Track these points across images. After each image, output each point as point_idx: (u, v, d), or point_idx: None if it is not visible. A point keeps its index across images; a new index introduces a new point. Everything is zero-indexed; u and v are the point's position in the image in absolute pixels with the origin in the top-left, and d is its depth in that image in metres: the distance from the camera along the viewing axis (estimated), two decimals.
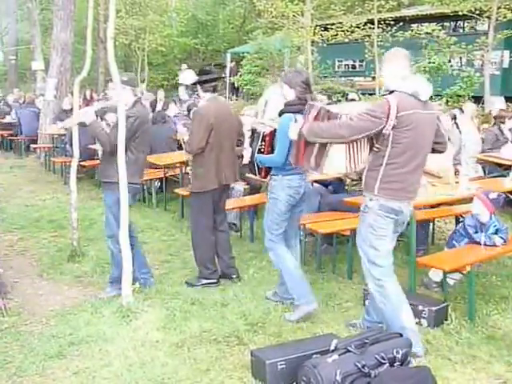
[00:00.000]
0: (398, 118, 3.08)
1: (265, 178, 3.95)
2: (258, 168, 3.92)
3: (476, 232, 4.26)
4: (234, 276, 4.66)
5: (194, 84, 4.55)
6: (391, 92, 3.21)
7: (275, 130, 3.83)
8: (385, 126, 3.10)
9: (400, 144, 3.13)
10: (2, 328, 3.80)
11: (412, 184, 3.25)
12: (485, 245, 4.17)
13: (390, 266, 3.32)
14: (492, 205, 4.31)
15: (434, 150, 3.43)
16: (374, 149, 3.22)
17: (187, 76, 4.30)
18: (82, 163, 7.37)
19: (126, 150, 4.08)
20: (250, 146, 4.04)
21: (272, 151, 3.80)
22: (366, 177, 3.27)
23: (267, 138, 3.85)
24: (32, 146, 10.87)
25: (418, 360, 3.23)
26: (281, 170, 3.79)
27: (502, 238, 4.21)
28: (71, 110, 7.47)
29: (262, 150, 3.85)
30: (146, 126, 4.27)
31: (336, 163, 3.34)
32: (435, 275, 4.38)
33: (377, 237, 3.24)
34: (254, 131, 4.05)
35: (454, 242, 4.41)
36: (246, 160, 4.09)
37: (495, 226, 4.25)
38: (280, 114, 3.80)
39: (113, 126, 4.18)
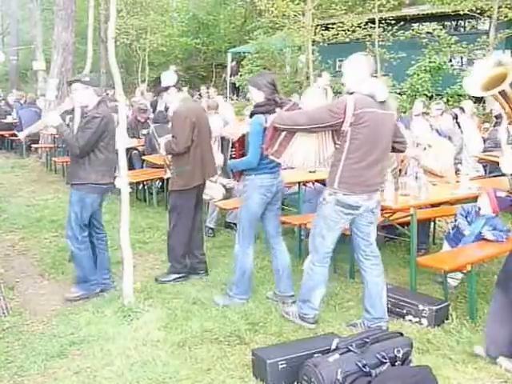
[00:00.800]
0: (355, 115, 3.33)
1: (239, 180, 4.15)
2: (233, 173, 4.04)
3: (465, 218, 4.22)
4: (202, 272, 4.75)
5: (167, 87, 4.51)
6: (351, 93, 3.45)
7: (243, 135, 3.98)
8: (342, 122, 3.35)
9: (356, 140, 3.38)
10: (3, 328, 3.81)
11: (369, 178, 3.46)
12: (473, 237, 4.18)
13: (329, 255, 3.67)
14: (497, 203, 4.31)
15: (394, 149, 3.71)
16: (336, 145, 3.49)
17: (169, 77, 4.27)
18: None
19: (94, 151, 4.10)
20: (220, 151, 4.10)
21: (243, 155, 3.96)
22: (329, 172, 3.52)
23: (237, 145, 4.05)
24: (33, 145, 10.89)
25: (307, 326, 3.67)
26: (253, 170, 3.92)
27: (494, 235, 4.19)
28: (73, 110, 7.47)
29: (234, 155, 4.05)
30: (112, 126, 4.26)
31: (301, 158, 3.60)
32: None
33: (327, 228, 3.54)
34: (223, 139, 4.13)
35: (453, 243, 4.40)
36: (220, 163, 4.21)
37: (491, 224, 4.23)
38: (250, 116, 3.96)
39: (79, 128, 4.15)
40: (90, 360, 3.38)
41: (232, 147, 4.09)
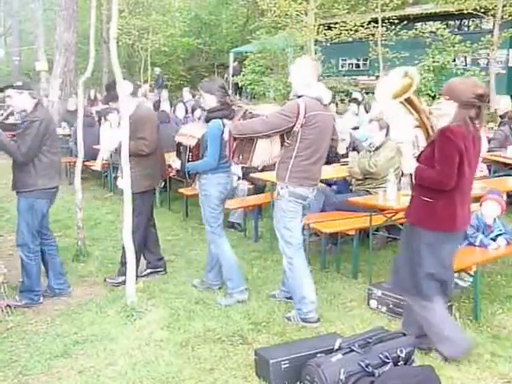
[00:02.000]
0: (306, 117, 3.61)
1: (193, 181, 4.37)
2: (189, 175, 4.28)
3: (474, 232, 4.21)
4: (162, 269, 4.81)
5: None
6: (299, 96, 3.71)
7: (198, 139, 4.16)
8: (295, 124, 3.62)
9: (306, 140, 3.66)
10: (7, 327, 3.83)
11: (315, 173, 3.82)
12: (479, 246, 4.14)
13: (300, 245, 3.85)
14: (504, 203, 4.30)
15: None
16: (285, 144, 3.73)
17: (126, 86, 4.27)
18: (86, 163, 7.39)
19: (38, 155, 4.02)
20: (178, 157, 4.33)
21: (198, 159, 4.17)
22: (278, 169, 3.79)
23: (194, 150, 4.19)
24: None
25: (310, 326, 3.75)
26: (210, 170, 4.13)
27: (506, 239, 4.18)
28: (76, 110, 7.49)
29: (191, 159, 4.22)
30: (52, 127, 4.21)
31: (260, 158, 3.81)
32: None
33: (289, 219, 3.77)
34: (179, 144, 4.31)
35: None
36: (177, 168, 4.39)
37: (500, 229, 4.21)
38: (207, 120, 4.15)
39: (17, 134, 4.05)
40: (93, 359, 3.39)
41: (190, 152, 4.26)
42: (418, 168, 3.16)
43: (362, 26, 14.79)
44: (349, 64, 19.05)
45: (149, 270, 4.78)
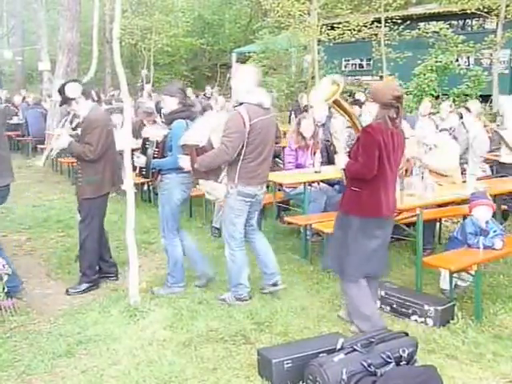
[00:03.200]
0: (251, 125, 3.89)
1: (156, 179, 4.41)
2: (152, 172, 4.34)
3: (475, 237, 4.19)
4: (113, 276, 4.73)
5: (73, 98, 4.39)
6: (241, 103, 3.95)
7: (165, 136, 4.27)
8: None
9: (252, 144, 3.94)
10: (10, 327, 3.84)
11: (261, 173, 4.10)
12: (484, 248, 4.13)
13: (243, 239, 4.18)
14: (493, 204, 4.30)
15: None
16: None
17: (74, 88, 4.24)
18: None
19: None
20: (143, 153, 4.34)
21: (163, 155, 4.26)
22: (227, 170, 4.06)
23: (160, 145, 4.28)
24: (39, 146, 10.94)
25: (243, 303, 4.10)
26: (174, 170, 4.21)
27: (501, 240, 4.17)
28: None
29: (156, 155, 4.28)
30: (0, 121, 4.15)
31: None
32: (444, 283, 4.33)
33: (235, 215, 4.08)
34: (146, 140, 4.36)
35: (452, 250, 4.35)
36: (141, 164, 4.38)
37: (495, 230, 4.20)
38: (170, 122, 4.29)
39: None
40: (96, 359, 3.40)
41: (156, 147, 4.31)
42: (348, 162, 3.55)
43: (365, 26, 14.78)
44: (352, 64, 19.05)
45: (97, 275, 4.61)
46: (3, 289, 3.86)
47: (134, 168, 4.36)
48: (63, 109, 10.16)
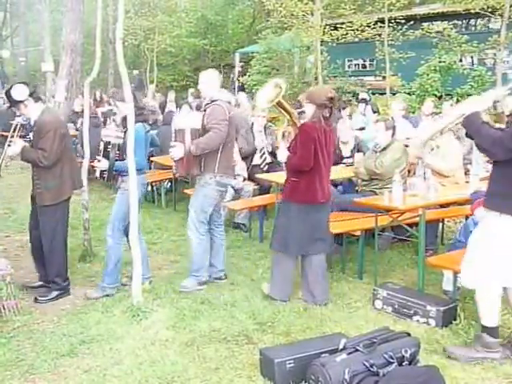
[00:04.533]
0: (229, 118, 4.35)
1: (116, 181, 4.53)
2: (113, 174, 4.41)
3: None
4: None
5: (21, 101, 4.34)
6: (214, 101, 4.34)
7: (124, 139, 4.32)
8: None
9: (228, 137, 4.35)
10: (14, 327, 3.86)
11: (233, 163, 4.63)
12: None
13: (208, 225, 4.51)
14: None
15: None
16: None
17: (21, 91, 4.18)
18: (92, 164, 7.41)
19: None
20: (105, 156, 4.37)
21: (123, 158, 4.30)
22: (205, 161, 4.33)
23: (121, 148, 4.34)
24: None
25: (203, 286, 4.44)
26: (136, 170, 4.22)
27: None
28: (82, 111, 7.52)
29: (118, 158, 4.34)
30: None
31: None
32: (447, 284, 4.33)
33: (208, 204, 4.42)
34: (107, 143, 4.39)
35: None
36: (103, 168, 4.40)
37: None
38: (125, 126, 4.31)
39: None
40: (99, 359, 3.41)
41: (118, 150, 4.36)
42: (288, 156, 4.08)
43: (369, 26, 14.74)
44: (355, 64, 19.01)
45: (40, 283, 4.55)
46: (7, 289, 3.88)
47: (94, 171, 4.46)
48: (67, 109, 10.25)
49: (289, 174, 4.14)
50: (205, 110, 4.43)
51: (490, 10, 12.97)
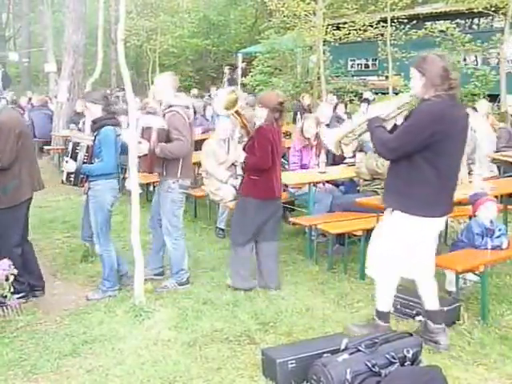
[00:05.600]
0: (189, 124, 4.44)
1: (83, 186, 4.45)
2: (81, 178, 4.35)
3: (482, 238, 4.17)
4: (40, 289, 4.45)
5: None
6: (170, 106, 4.37)
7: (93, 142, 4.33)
8: None
9: (189, 142, 4.41)
10: (17, 327, 3.86)
11: (191, 167, 4.70)
12: (492, 249, 4.11)
13: (182, 228, 4.64)
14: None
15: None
16: None
17: None
18: None
19: None
20: (72, 158, 4.31)
21: (91, 161, 4.31)
22: (167, 166, 4.39)
23: (90, 150, 4.32)
24: (45, 147, 10.97)
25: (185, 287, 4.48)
26: (104, 176, 4.29)
27: (507, 240, 4.14)
28: (83, 112, 7.52)
29: (86, 160, 4.30)
30: None
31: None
32: (450, 285, 4.32)
33: (177, 207, 4.49)
34: (76, 144, 4.33)
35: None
36: (70, 170, 4.33)
37: (500, 228, 4.18)
38: (95, 129, 4.34)
39: None
40: (102, 359, 3.42)
41: (86, 152, 4.31)
42: (246, 157, 4.34)
43: (371, 26, 14.73)
44: (358, 64, 18.99)
45: (24, 286, 4.29)
46: (9, 289, 3.88)
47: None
48: (69, 110, 10.26)
49: (248, 172, 4.40)
50: (163, 115, 4.44)
51: (493, 8, 12.93)
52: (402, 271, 3.47)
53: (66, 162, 4.32)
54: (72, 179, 4.34)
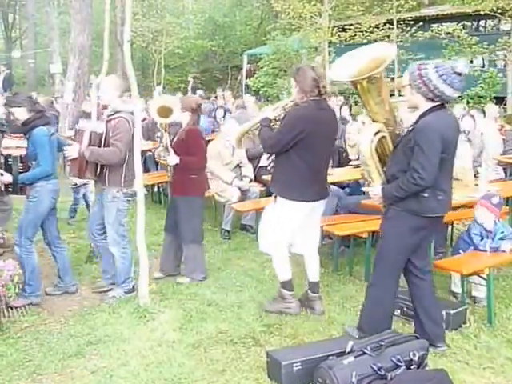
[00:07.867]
0: (133, 131, 4.26)
1: (24, 193, 4.28)
2: (21, 187, 4.26)
3: (482, 239, 4.14)
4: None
5: None
6: (117, 112, 4.19)
7: (26, 148, 4.21)
8: None
9: (131, 150, 4.21)
10: (21, 327, 3.86)
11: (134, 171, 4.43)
12: (491, 251, 4.09)
13: (128, 236, 4.45)
14: (496, 209, 4.23)
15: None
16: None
17: None
18: None
19: None
20: (7, 171, 4.20)
21: (28, 169, 4.20)
22: (109, 175, 4.24)
23: (24, 159, 4.21)
24: None
25: (130, 295, 4.33)
26: (44, 177, 4.18)
27: (510, 243, 4.11)
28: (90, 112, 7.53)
29: (22, 170, 4.20)
30: None
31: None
32: (455, 286, 4.30)
33: (123, 216, 4.37)
34: (7, 156, 4.21)
35: (460, 250, 4.30)
36: (6, 182, 4.21)
37: (502, 232, 4.15)
38: (26, 132, 4.19)
39: None
40: (106, 360, 3.41)
41: (21, 162, 4.21)
42: (180, 158, 4.54)
43: (377, 28, 14.70)
44: None
45: None
46: (14, 289, 3.89)
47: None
48: (75, 111, 10.28)
49: (184, 171, 4.57)
50: (108, 121, 4.22)
51: (499, 11, 12.88)
52: (291, 246, 4.03)
53: (1, 174, 4.19)
54: (11, 189, 4.26)
